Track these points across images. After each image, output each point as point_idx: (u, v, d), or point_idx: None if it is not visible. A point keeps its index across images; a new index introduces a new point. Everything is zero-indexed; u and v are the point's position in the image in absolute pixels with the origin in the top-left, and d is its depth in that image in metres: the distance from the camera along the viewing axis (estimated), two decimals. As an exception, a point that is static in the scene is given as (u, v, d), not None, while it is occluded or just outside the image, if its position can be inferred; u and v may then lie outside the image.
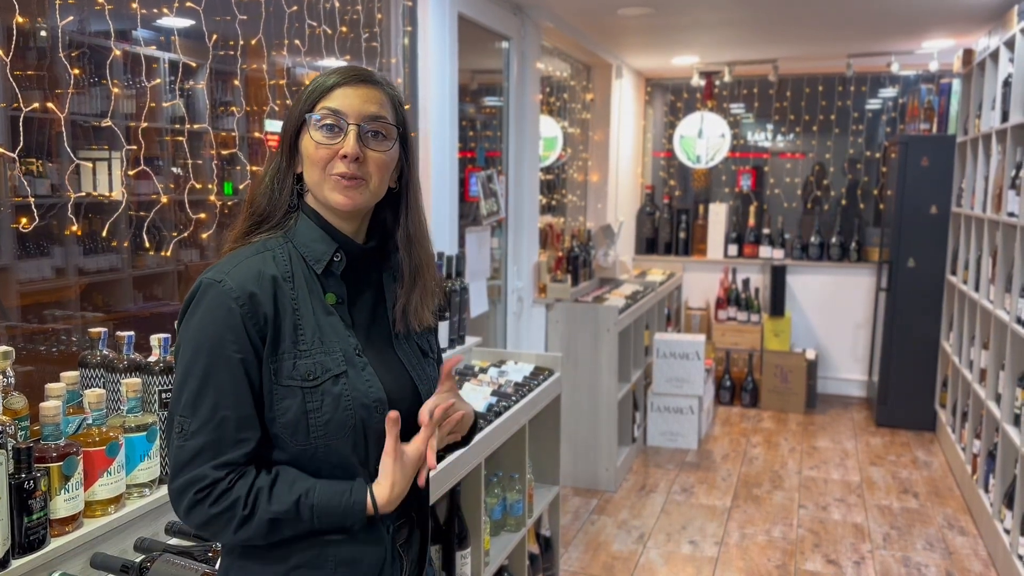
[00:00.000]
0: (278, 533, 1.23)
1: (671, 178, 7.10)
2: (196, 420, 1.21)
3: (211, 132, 2.33)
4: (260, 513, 1.20)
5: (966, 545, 3.92)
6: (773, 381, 6.07)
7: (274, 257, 1.28)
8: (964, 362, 4.75)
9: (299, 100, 1.30)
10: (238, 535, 1.22)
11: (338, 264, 1.32)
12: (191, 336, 1.23)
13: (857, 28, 4.89)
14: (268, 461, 1.27)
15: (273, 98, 2.50)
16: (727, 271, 6.49)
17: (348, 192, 1.27)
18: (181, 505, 1.22)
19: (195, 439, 1.20)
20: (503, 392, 2.85)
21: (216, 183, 2.31)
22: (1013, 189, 3.79)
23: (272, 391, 1.24)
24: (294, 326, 1.25)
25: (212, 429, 1.20)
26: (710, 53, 5.79)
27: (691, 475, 4.79)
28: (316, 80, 1.30)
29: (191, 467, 1.20)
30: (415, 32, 3.32)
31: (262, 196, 1.32)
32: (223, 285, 1.22)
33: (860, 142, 6.55)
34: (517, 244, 4.32)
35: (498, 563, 2.73)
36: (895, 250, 5.64)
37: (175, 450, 1.22)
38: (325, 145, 1.26)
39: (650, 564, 3.70)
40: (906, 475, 4.84)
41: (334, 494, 1.24)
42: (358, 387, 1.27)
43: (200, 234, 2.27)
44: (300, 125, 1.29)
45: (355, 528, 1.26)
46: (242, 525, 1.20)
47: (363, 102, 1.28)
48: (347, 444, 1.26)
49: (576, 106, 5.63)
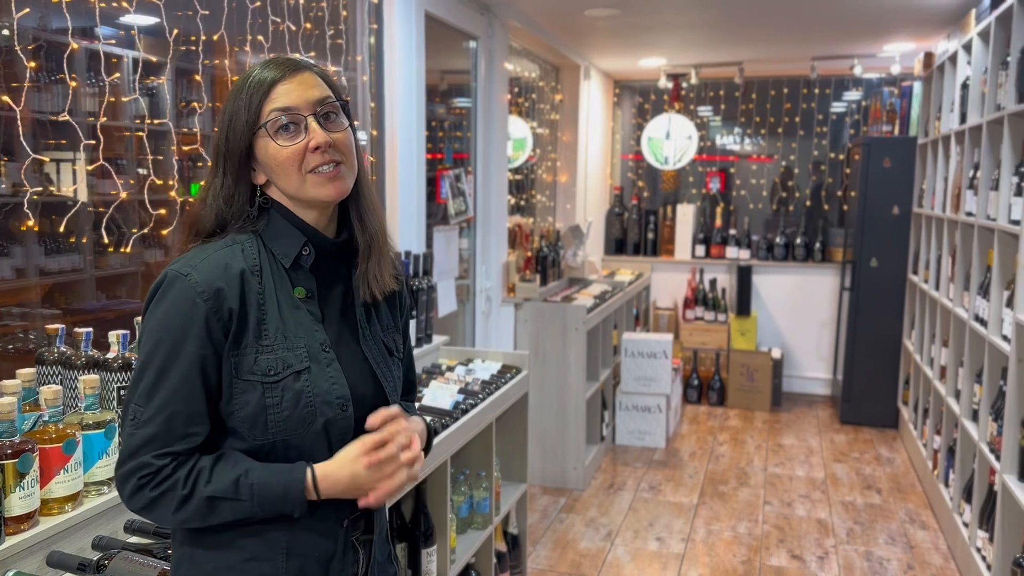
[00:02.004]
0: (216, 514, 1.22)
1: (639, 179, 7.15)
2: (149, 410, 1.21)
3: (173, 130, 2.31)
4: (199, 492, 1.20)
5: (927, 539, 3.99)
6: (739, 380, 6.13)
7: (243, 250, 1.28)
8: (925, 360, 4.83)
9: (235, 112, 1.26)
10: (178, 516, 1.21)
11: (306, 258, 1.32)
12: (153, 327, 1.23)
13: (820, 31, 4.96)
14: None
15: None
16: (694, 271, 6.55)
17: (333, 182, 1.27)
18: (125, 490, 1.23)
19: (145, 428, 1.21)
20: (470, 390, 2.85)
21: (178, 181, 2.29)
22: (971, 189, 3.86)
23: (232, 384, 1.24)
24: (258, 321, 1.25)
25: (162, 421, 1.20)
26: (677, 55, 5.84)
27: (659, 473, 4.82)
28: (246, 85, 1.26)
29: (137, 455, 1.21)
30: (381, 30, 3.31)
31: (206, 217, 1.30)
32: (189, 279, 1.22)
33: (824, 144, 6.64)
34: (486, 244, 4.33)
35: (464, 561, 2.73)
36: (858, 250, 5.73)
37: (126, 436, 1.23)
38: (291, 146, 1.25)
39: (617, 561, 3.72)
40: (869, 471, 4.91)
41: (274, 472, 1.23)
42: (321, 384, 1.26)
43: (162, 232, 2.25)
44: (251, 137, 1.26)
45: (296, 513, 1.24)
46: (182, 505, 1.20)
47: (305, 90, 1.27)
48: (307, 440, 1.26)
49: (545, 107, 5.65)
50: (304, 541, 1.27)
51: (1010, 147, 3.25)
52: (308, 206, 1.31)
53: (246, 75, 1.28)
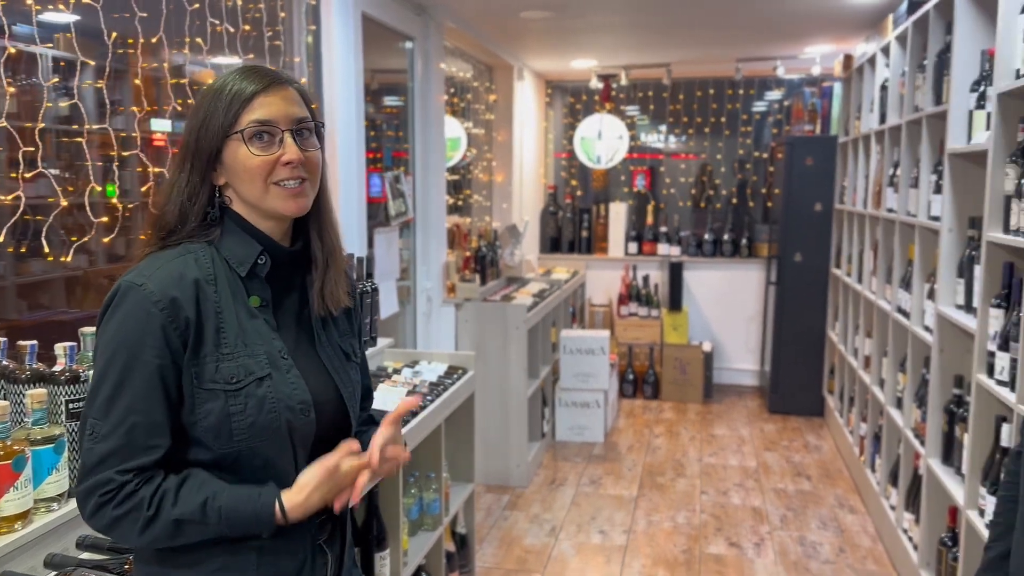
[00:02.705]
0: (184, 536, 1.21)
1: (572, 178, 7.24)
2: (107, 424, 1.19)
3: (110, 132, 2.25)
4: (164, 515, 1.19)
5: (856, 523, 4.17)
6: (673, 373, 6.28)
7: (196, 259, 1.27)
8: (849, 350, 5.03)
9: (211, 113, 1.26)
10: (143, 537, 1.20)
11: (262, 267, 1.32)
12: (109, 339, 1.21)
13: (745, 34, 5.12)
14: (185, 464, 1.25)
15: (175, 97, 2.43)
16: (628, 268, 6.67)
17: (297, 198, 1.28)
18: (86, 508, 1.21)
19: (105, 443, 1.19)
20: (418, 392, 2.86)
21: (103, 185, 2.22)
22: (891, 187, 4.05)
23: (194, 395, 1.23)
24: (216, 329, 1.25)
25: (123, 434, 1.19)
26: (607, 56, 5.94)
27: (598, 467, 4.91)
28: (226, 90, 1.26)
29: (97, 471, 1.19)
30: (319, 31, 3.29)
31: (170, 213, 1.29)
32: (143, 289, 1.21)
33: (749, 143, 6.85)
34: (425, 244, 4.33)
35: (416, 563, 2.74)
36: (783, 246, 5.93)
37: (84, 452, 1.21)
38: (263, 156, 1.25)
39: (562, 556, 3.78)
40: (799, 459, 5.09)
41: (242, 498, 1.22)
42: (282, 389, 1.27)
43: (86, 238, 2.18)
44: (223, 140, 1.26)
45: (265, 535, 1.25)
46: (147, 527, 1.19)
47: (287, 105, 1.28)
48: (272, 447, 1.26)
49: (480, 107, 5.67)
50: (275, 549, 1.28)
51: (929, 147, 3.42)
52: (266, 216, 1.31)
53: (224, 80, 1.28)
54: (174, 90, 2.44)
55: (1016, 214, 2.34)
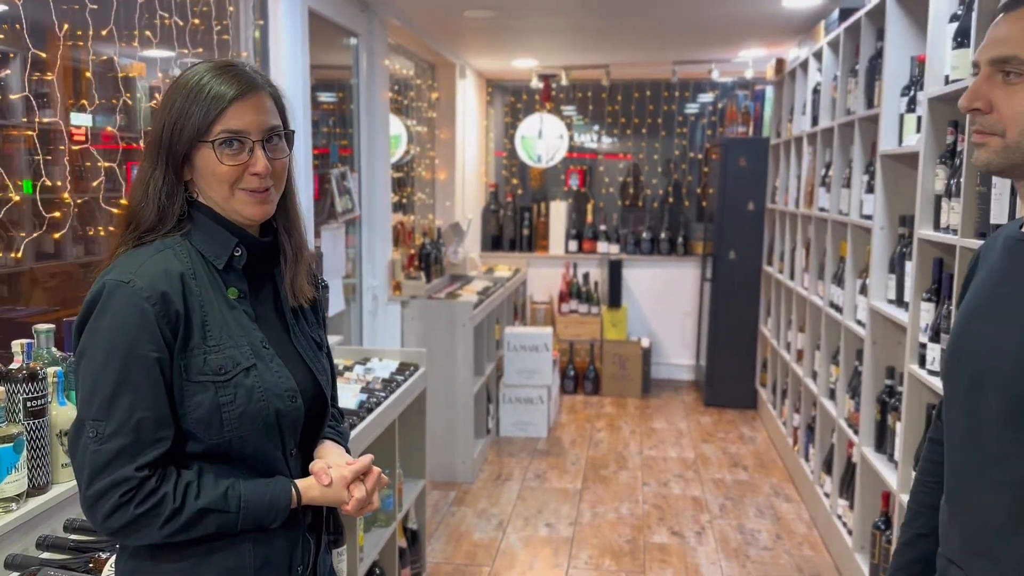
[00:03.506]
0: (203, 527, 1.23)
1: (513, 177, 7.29)
2: (112, 423, 1.19)
3: (63, 127, 2.20)
4: (189, 506, 1.21)
5: (791, 510, 4.32)
6: (613, 369, 6.39)
7: (175, 254, 1.28)
8: (782, 344, 5.21)
9: (185, 115, 1.25)
10: (164, 530, 1.21)
11: (239, 259, 1.33)
12: (101, 339, 1.20)
13: (681, 37, 5.25)
14: (181, 457, 1.26)
15: (113, 92, 2.39)
16: (568, 266, 6.76)
17: (261, 206, 1.30)
18: (102, 509, 1.19)
19: (112, 442, 1.19)
20: (371, 388, 2.87)
21: (20, 180, 2.17)
22: (824, 187, 4.21)
23: (183, 388, 1.24)
24: (202, 322, 1.26)
25: (130, 431, 1.19)
26: (548, 56, 6.01)
27: (543, 462, 4.97)
28: (204, 92, 1.25)
29: (110, 470, 1.18)
30: (266, 26, 3.26)
31: (148, 211, 1.29)
32: (132, 286, 1.21)
33: (684, 144, 7.01)
34: (371, 242, 4.32)
35: (371, 559, 2.75)
36: (717, 244, 6.10)
37: (90, 455, 1.19)
38: (232, 165, 1.27)
39: (510, 549, 3.83)
40: (735, 450, 5.25)
41: (259, 486, 1.27)
42: (268, 378, 1.29)
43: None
44: (195, 143, 1.26)
45: (275, 524, 1.28)
46: (169, 520, 1.20)
47: (259, 115, 1.29)
48: (262, 435, 1.29)
49: (422, 104, 5.67)
50: (270, 535, 1.31)
51: (860, 148, 3.58)
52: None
53: (199, 78, 1.27)
54: (104, 84, 2.38)
55: (946, 212, 2.48)
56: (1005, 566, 1.17)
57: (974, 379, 1.23)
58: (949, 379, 1.32)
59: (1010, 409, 1.16)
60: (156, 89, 2.59)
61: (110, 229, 2.33)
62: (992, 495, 1.19)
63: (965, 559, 1.24)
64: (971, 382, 1.24)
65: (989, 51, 1.18)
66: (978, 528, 1.22)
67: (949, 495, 1.30)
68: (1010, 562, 1.16)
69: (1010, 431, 1.17)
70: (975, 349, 1.25)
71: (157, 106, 1.32)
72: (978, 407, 1.22)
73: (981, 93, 1.18)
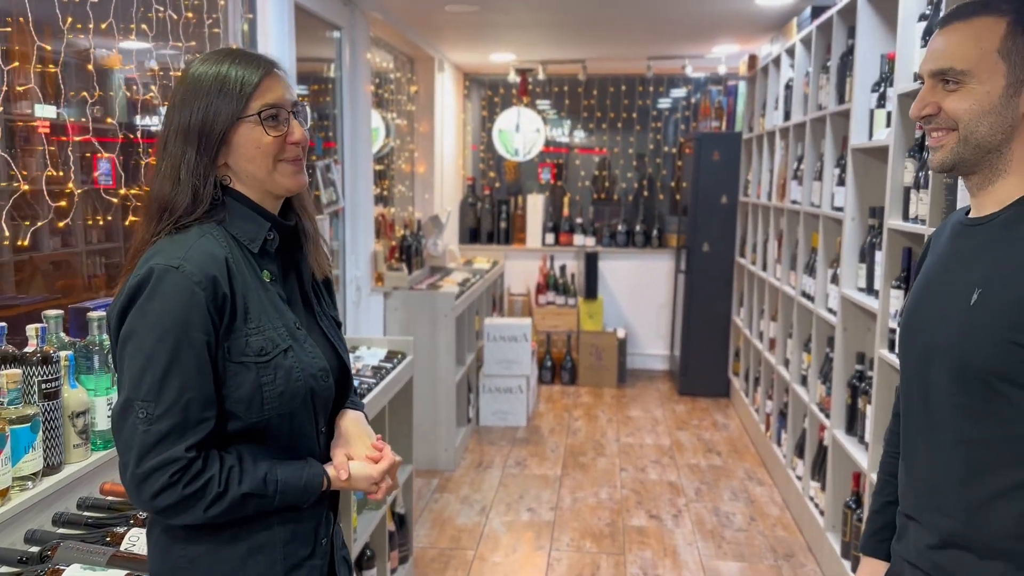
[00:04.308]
0: (244, 510, 1.29)
1: (490, 170, 7.37)
2: (161, 404, 1.24)
3: (68, 120, 2.24)
4: (232, 491, 1.27)
5: (764, 494, 4.47)
6: (589, 359, 6.50)
7: (215, 239, 1.33)
8: (754, 333, 5.36)
9: (218, 98, 1.31)
10: (208, 512, 1.26)
11: (272, 242, 1.40)
12: (153, 322, 1.24)
13: (656, 33, 5.35)
14: (220, 436, 1.31)
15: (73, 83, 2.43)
16: (545, 258, 6.86)
17: (299, 176, 1.38)
18: (151, 488, 1.24)
19: (161, 423, 1.23)
20: (362, 376, 2.94)
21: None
22: (796, 180, 4.34)
23: (225, 369, 1.29)
24: (244, 305, 1.32)
25: (178, 411, 1.24)
26: (526, 51, 6.09)
27: (523, 450, 5.07)
28: (231, 76, 1.32)
29: (159, 450, 1.23)
30: (255, 19, 3.30)
31: (183, 195, 1.32)
32: (182, 270, 1.26)
33: (659, 138, 7.14)
34: (354, 233, 4.38)
35: (364, 540, 2.83)
36: (691, 236, 6.23)
37: (140, 435, 1.23)
38: (277, 135, 1.33)
39: (494, 533, 3.92)
40: (709, 437, 5.39)
41: (294, 470, 1.34)
42: (303, 359, 1.35)
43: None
44: (233, 123, 1.32)
45: (306, 505, 1.36)
46: (214, 503, 1.26)
47: (285, 89, 1.37)
48: (298, 413, 1.35)
49: (402, 97, 5.73)
50: (299, 511, 1.38)
51: (832, 142, 3.71)
52: (267, 195, 1.39)
53: (218, 64, 1.32)
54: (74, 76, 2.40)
55: (915, 203, 2.61)
56: (954, 517, 1.31)
57: (924, 354, 1.36)
58: (903, 354, 1.45)
59: (956, 377, 1.29)
60: (132, 81, 2.61)
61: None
62: (942, 454, 1.33)
63: (920, 513, 1.37)
64: (921, 356, 1.37)
65: (928, 64, 1.33)
66: (931, 485, 1.36)
67: (905, 457, 1.44)
68: (958, 513, 1.30)
69: (956, 397, 1.30)
70: (924, 327, 1.37)
71: (172, 98, 1.37)
72: (929, 378, 1.35)
73: (928, 100, 1.32)
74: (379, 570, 3.01)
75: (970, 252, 1.32)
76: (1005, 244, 1.27)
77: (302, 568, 1.37)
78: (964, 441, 1.29)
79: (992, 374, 1.24)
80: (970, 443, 1.28)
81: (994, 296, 1.24)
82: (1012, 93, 1.26)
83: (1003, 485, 1.25)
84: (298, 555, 1.37)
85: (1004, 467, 1.26)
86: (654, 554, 3.73)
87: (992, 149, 1.29)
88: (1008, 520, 1.25)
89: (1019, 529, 1.24)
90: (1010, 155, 1.29)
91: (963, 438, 1.29)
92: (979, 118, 1.28)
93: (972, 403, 1.27)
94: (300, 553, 1.37)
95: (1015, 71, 1.25)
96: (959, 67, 1.28)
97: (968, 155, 1.30)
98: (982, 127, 1.28)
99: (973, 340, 1.26)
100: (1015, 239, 1.26)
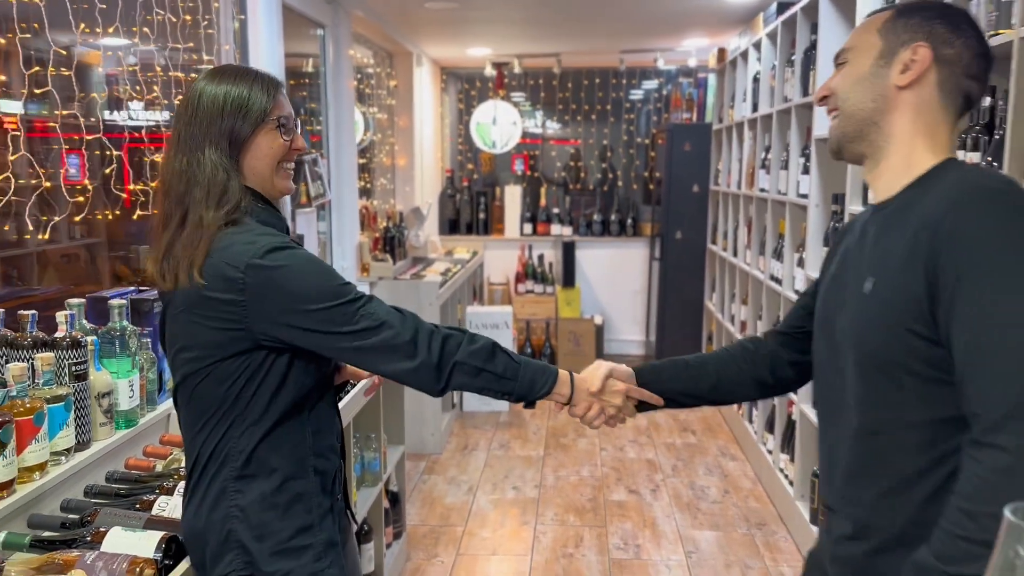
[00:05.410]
0: (496, 361, 1.54)
1: (468, 162, 7.52)
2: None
3: (82, 122, 2.36)
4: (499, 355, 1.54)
5: (737, 468, 4.68)
6: (568, 345, 6.69)
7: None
8: (727, 317, 5.57)
9: (248, 103, 1.47)
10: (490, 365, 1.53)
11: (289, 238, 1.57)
12: (315, 265, 1.47)
13: (628, 27, 5.53)
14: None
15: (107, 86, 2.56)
16: (524, 248, 7.02)
17: (290, 180, 1.58)
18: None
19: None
20: (357, 359, 3.09)
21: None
22: (763, 169, 4.55)
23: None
24: None
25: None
26: (502, 45, 6.24)
27: (506, 432, 5.25)
28: (254, 84, 1.50)
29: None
30: (246, 20, 3.43)
31: (233, 187, 1.46)
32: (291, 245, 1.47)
33: (632, 129, 7.33)
34: (341, 225, 4.52)
35: (361, 516, 2.98)
36: (665, 224, 6.43)
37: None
38: (287, 141, 1.52)
39: (481, 510, 4.09)
40: (683, 416, 5.60)
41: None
42: None
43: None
44: (257, 127, 1.48)
45: (531, 397, 1.60)
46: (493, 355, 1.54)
47: (288, 105, 1.56)
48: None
49: (381, 92, 5.86)
50: (327, 462, 1.55)
51: (797, 133, 3.91)
52: (270, 195, 1.57)
53: (236, 82, 1.49)
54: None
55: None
56: (864, 506, 1.30)
57: (832, 340, 1.35)
58: (814, 343, 1.44)
59: (857, 364, 1.28)
60: (114, 79, 2.71)
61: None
62: (850, 443, 1.32)
63: (837, 503, 1.37)
64: (830, 343, 1.36)
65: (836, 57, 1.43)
66: (836, 475, 1.36)
67: (819, 446, 1.45)
68: (866, 502, 1.30)
69: (858, 386, 1.28)
70: (833, 312, 1.35)
71: (188, 103, 1.52)
72: (837, 366, 1.33)
73: (826, 85, 1.40)
74: (376, 544, 3.17)
75: (870, 239, 1.32)
76: (894, 231, 1.26)
77: (328, 517, 1.56)
78: (869, 429, 1.28)
79: (888, 362, 1.23)
80: (874, 432, 1.27)
81: (885, 285, 1.24)
82: (883, 64, 1.30)
83: (907, 473, 1.24)
84: (323, 506, 1.55)
85: (905, 455, 1.24)
86: (634, 525, 3.93)
87: (868, 120, 1.32)
88: (910, 508, 1.24)
89: (922, 516, 1.23)
90: (889, 130, 1.31)
91: (868, 426, 1.28)
92: (851, 86, 1.33)
93: (873, 391, 1.26)
94: (325, 504, 1.56)
95: (888, 45, 1.30)
96: (846, 46, 1.38)
97: (849, 129, 1.33)
98: (854, 94, 1.32)
99: (868, 328, 1.26)
100: (902, 226, 1.24)
